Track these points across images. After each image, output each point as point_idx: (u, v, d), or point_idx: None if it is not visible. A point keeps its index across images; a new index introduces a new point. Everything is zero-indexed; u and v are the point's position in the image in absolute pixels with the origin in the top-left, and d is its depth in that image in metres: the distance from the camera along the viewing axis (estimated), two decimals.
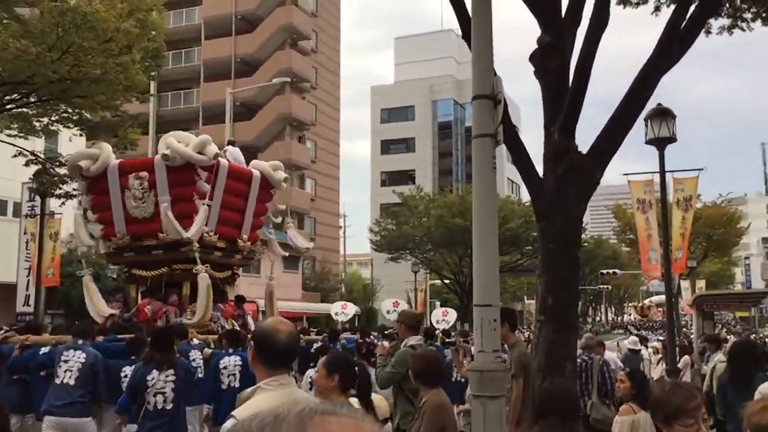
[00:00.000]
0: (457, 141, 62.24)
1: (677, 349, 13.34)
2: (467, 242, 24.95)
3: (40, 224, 16.78)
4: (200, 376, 7.88)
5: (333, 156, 51.43)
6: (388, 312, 24.27)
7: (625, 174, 16.49)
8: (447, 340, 11.42)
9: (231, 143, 12.50)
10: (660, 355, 14.05)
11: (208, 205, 9.81)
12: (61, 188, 15.32)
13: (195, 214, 9.69)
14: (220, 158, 10.05)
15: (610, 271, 46.35)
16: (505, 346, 5.82)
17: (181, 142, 9.79)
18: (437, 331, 13.01)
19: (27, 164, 15.29)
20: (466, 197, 34.34)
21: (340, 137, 53.44)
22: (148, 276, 10.17)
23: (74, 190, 15.30)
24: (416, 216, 38.06)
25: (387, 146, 64.22)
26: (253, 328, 9.76)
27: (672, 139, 10.86)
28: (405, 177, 59.29)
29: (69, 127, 15.22)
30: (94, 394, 6.96)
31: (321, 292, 42.22)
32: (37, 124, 14.97)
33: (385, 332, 11.11)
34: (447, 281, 41.45)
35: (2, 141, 15.21)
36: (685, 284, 30.53)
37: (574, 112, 5.91)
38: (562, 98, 6.00)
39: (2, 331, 9.11)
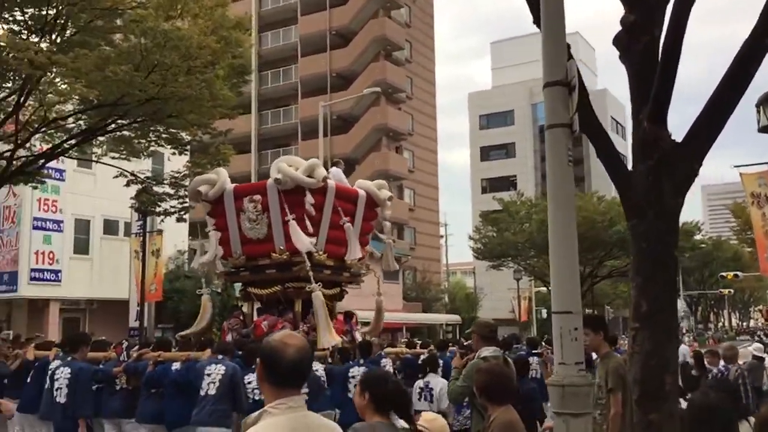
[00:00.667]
0: None
1: None
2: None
3: (143, 242, 17.44)
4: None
5: (431, 165, 51.21)
6: None
7: (736, 166, 15.21)
8: (534, 351, 10.85)
9: (335, 164, 12.73)
10: None
11: (348, 223, 10.34)
12: (160, 206, 15.84)
13: (307, 233, 9.90)
14: (328, 180, 10.25)
15: (731, 273, 43.46)
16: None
17: (291, 166, 10.06)
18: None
19: (128, 184, 15.90)
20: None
21: (439, 146, 53.19)
22: (262, 294, 10.52)
23: (172, 207, 15.83)
24: (517, 222, 37.16)
25: (487, 153, 63.37)
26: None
27: None
28: (506, 183, 58.24)
29: (165, 147, 15.71)
30: (235, 405, 7.30)
31: (422, 302, 41.94)
32: (139, 146, 15.54)
33: (464, 344, 10.74)
34: None
35: (106, 164, 15.92)
36: None
37: (665, 95, 5.28)
38: (651, 82, 5.40)
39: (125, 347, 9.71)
